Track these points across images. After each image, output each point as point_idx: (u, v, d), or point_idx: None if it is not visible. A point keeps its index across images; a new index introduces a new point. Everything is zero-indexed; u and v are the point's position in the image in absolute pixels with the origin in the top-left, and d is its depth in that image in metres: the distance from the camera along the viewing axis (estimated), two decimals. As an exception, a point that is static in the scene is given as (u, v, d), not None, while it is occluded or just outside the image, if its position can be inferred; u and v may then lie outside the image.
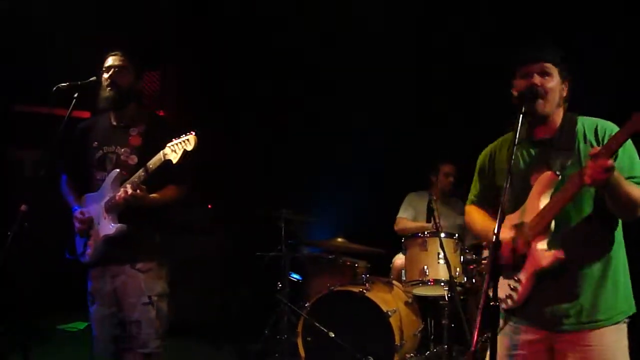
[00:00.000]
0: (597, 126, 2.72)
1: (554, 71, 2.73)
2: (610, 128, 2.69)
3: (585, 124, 2.75)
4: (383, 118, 6.88)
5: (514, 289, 2.69)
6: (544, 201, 2.64)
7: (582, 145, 2.69)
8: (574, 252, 2.59)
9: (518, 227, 2.66)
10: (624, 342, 2.64)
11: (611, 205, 2.55)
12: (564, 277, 2.61)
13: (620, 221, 2.71)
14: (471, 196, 3.15)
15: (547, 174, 2.65)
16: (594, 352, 2.58)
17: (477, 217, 3.06)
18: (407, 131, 6.84)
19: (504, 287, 2.75)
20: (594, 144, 2.66)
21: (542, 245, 2.60)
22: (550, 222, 2.59)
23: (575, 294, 2.61)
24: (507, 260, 2.65)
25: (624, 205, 2.53)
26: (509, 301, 2.72)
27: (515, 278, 2.69)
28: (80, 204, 3.71)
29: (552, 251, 2.57)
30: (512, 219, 2.71)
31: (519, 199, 2.72)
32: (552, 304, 2.63)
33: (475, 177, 3.11)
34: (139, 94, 3.80)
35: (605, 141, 2.60)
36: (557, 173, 2.64)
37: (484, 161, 3.05)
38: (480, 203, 3.09)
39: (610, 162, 2.33)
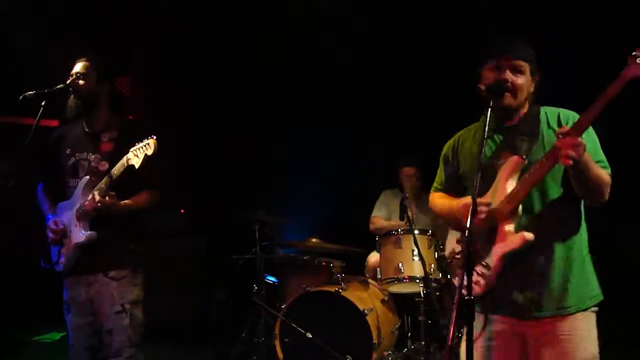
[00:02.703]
0: (559, 114, 2.77)
1: (526, 68, 2.75)
2: (572, 116, 2.73)
3: (548, 112, 2.80)
4: (355, 117, 6.91)
5: (481, 275, 2.69)
6: (511, 185, 2.67)
7: (545, 130, 2.74)
8: (541, 236, 2.61)
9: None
10: (594, 332, 2.66)
11: (580, 188, 2.58)
12: (532, 261, 2.64)
13: (583, 210, 2.75)
14: (435, 184, 3.17)
15: (514, 158, 2.68)
16: (565, 341, 2.60)
17: (440, 200, 3.07)
18: (379, 130, 6.87)
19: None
20: (557, 128, 2.68)
21: (509, 228, 2.63)
22: (518, 206, 2.62)
23: (544, 278, 2.64)
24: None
25: (593, 188, 2.57)
26: (477, 287, 2.70)
27: (484, 263, 2.69)
28: (54, 212, 3.68)
29: (521, 233, 2.59)
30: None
31: (481, 188, 2.66)
32: (522, 290, 2.64)
33: (441, 166, 3.13)
34: (113, 99, 3.76)
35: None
36: (524, 157, 2.67)
37: (447, 152, 3.07)
38: (444, 190, 3.10)
39: (579, 139, 2.36)
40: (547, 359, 2.62)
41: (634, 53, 2.32)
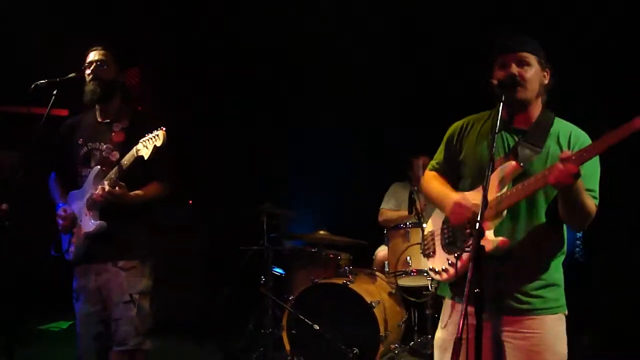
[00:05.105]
0: (571, 133, 2.73)
1: (533, 60, 2.73)
2: (582, 139, 2.72)
3: (561, 127, 2.76)
4: (364, 111, 6.89)
5: (451, 264, 2.73)
6: (502, 188, 2.65)
7: (552, 145, 2.71)
8: (521, 243, 2.64)
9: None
10: (564, 334, 2.69)
11: (564, 211, 2.58)
12: (508, 265, 2.63)
13: (565, 228, 2.74)
14: (433, 162, 3.15)
15: (512, 163, 2.65)
16: (535, 338, 2.62)
17: (435, 182, 3.05)
18: (388, 123, 6.86)
19: (442, 259, 2.81)
20: (564, 148, 2.67)
21: (489, 230, 2.60)
22: (504, 210, 2.62)
23: (518, 282, 2.65)
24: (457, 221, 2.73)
25: (576, 214, 2.57)
26: (444, 274, 2.79)
27: (456, 254, 2.70)
28: (65, 200, 3.70)
29: (499, 238, 2.58)
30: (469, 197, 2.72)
31: (478, 180, 2.72)
32: (495, 289, 2.63)
33: (442, 146, 3.09)
34: (124, 90, 3.79)
35: (575, 150, 2.61)
36: (522, 165, 2.65)
37: (453, 133, 3.03)
38: (441, 171, 3.09)
39: (577, 169, 2.34)
40: (517, 355, 2.63)
41: None
